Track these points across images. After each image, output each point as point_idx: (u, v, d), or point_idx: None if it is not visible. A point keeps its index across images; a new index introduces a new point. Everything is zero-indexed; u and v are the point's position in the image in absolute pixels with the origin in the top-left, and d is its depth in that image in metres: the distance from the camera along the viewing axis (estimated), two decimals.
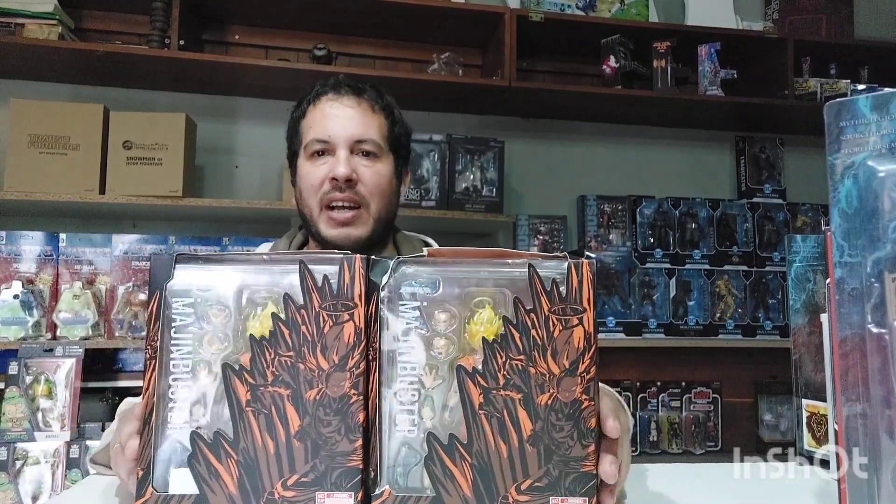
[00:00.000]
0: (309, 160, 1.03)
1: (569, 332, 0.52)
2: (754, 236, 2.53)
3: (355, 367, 0.52)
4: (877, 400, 0.46)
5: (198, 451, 0.51)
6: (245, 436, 0.51)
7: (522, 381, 0.52)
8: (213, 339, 0.52)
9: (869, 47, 2.57)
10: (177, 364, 0.52)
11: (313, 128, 1.03)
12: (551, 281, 0.53)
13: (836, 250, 0.48)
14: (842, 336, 0.49)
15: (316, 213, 1.02)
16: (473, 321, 0.53)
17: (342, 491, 0.51)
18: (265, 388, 0.52)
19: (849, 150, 0.47)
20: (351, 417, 0.51)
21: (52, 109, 1.95)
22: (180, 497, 0.51)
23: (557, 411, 0.52)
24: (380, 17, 2.26)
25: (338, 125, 1.02)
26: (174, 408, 0.52)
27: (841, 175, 0.47)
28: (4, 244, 1.96)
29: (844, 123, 0.48)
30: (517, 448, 0.51)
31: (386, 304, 0.53)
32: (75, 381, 1.81)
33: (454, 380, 0.52)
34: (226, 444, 0.51)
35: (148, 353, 0.51)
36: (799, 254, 0.76)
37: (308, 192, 1.02)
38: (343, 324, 0.52)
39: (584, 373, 0.52)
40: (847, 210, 0.47)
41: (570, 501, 0.51)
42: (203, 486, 0.51)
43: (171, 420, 0.51)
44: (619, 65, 2.35)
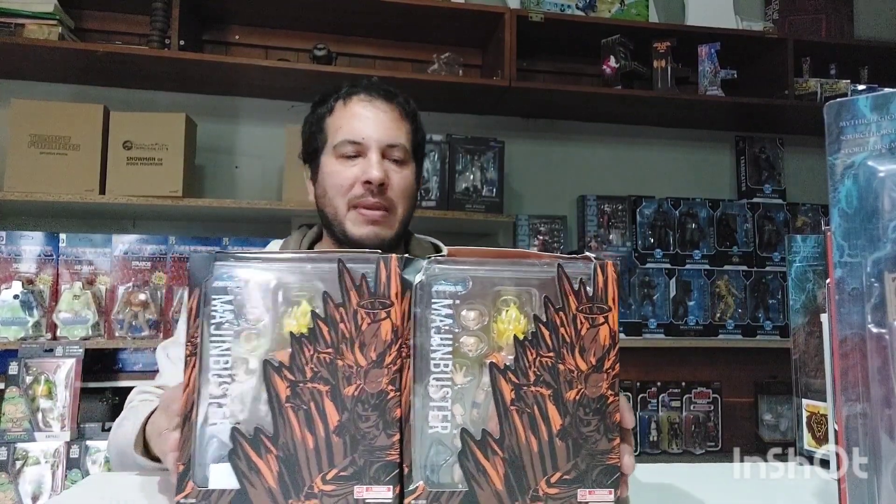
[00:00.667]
0: (338, 160, 1.02)
1: (595, 330, 0.55)
2: (754, 236, 2.53)
3: (392, 363, 0.53)
4: (877, 400, 0.46)
5: (238, 446, 0.52)
6: (284, 431, 0.52)
7: (552, 377, 0.54)
8: (249, 336, 0.53)
9: (869, 47, 2.57)
10: (217, 361, 0.52)
11: (344, 128, 1.03)
12: (578, 281, 0.55)
13: (836, 250, 0.48)
14: (842, 336, 0.49)
15: (343, 212, 1.02)
16: (501, 319, 0.54)
17: (381, 484, 0.52)
18: (304, 384, 0.52)
19: (849, 151, 0.47)
20: (388, 413, 0.53)
21: (52, 109, 1.95)
22: (220, 492, 0.51)
23: (585, 406, 0.54)
24: (380, 17, 2.26)
25: (371, 128, 1.02)
26: (214, 404, 0.52)
27: (841, 175, 0.47)
28: (4, 244, 1.96)
29: (844, 123, 0.48)
30: (547, 442, 0.53)
31: (419, 302, 0.54)
32: (75, 382, 1.81)
33: (482, 376, 0.54)
34: (265, 439, 0.52)
35: (188, 349, 0.52)
36: (799, 254, 0.76)
37: (335, 192, 1.02)
38: (380, 321, 0.53)
39: (610, 369, 0.55)
40: (847, 210, 0.47)
41: (596, 493, 0.53)
42: (243, 481, 0.51)
43: (210, 416, 0.52)
44: (619, 65, 2.35)
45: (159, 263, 2.04)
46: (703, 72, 2.43)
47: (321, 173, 1.05)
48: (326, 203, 1.03)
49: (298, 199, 2.05)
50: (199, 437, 0.51)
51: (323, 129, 1.05)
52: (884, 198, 0.45)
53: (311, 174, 1.10)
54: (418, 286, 0.54)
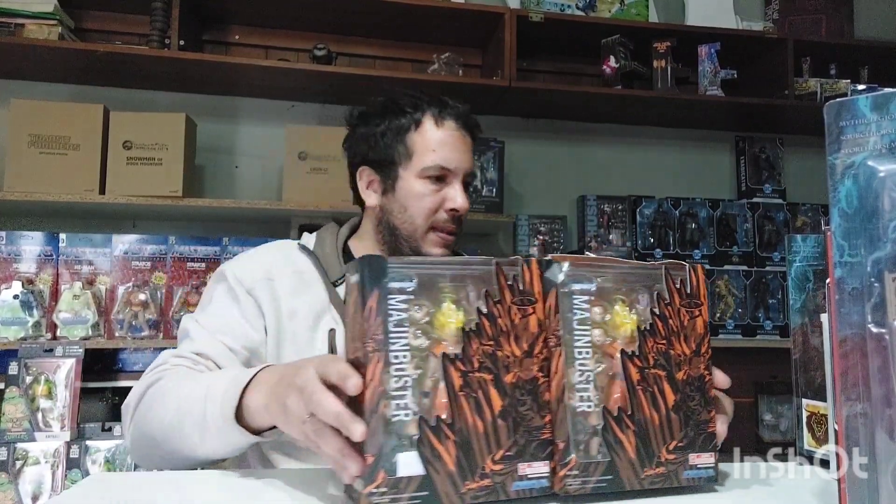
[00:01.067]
0: (423, 180, 1.05)
1: (694, 321, 0.66)
2: (754, 236, 2.53)
3: (540, 352, 0.61)
4: (877, 400, 0.46)
5: (424, 434, 0.55)
6: (459, 418, 0.57)
7: (666, 361, 0.64)
8: (418, 333, 0.57)
9: (869, 47, 2.57)
10: (396, 356, 0.56)
11: (438, 153, 1.05)
12: (679, 280, 0.66)
13: (836, 250, 0.48)
14: (842, 336, 0.49)
15: (421, 232, 1.06)
16: (618, 314, 0.63)
17: (539, 461, 0.60)
18: (473, 373, 0.58)
19: (849, 150, 0.47)
20: (540, 396, 0.60)
21: (52, 109, 1.95)
22: (408, 479, 0.55)
23: (690, 384, 0.65)
24: (380, 17, 2.26)
25: (460, 157, 1.07)
26: (396, 397, 0.55)
27: (841, 175, 0.47)
28: (4, 244, 1.96)
29: (844, 123, 0.48)
30: (665, 415, 0.63)
31: (563, 299, 0.62)
32: (75, 382, 1.81)
33: (608, 363, 0.62)
34: (445, 426, 0.56)
35: (371, 346, 0.55)
36: (799, 254, 0.76)
37: (419, 213, 1.05)
38: (529, 316, 0.61)
39: (705, 353, 0.66)
40: (847, 210, 0.47)
41: (702, 457, 0.65)
42: (428, 468, 0.55)
43: (393, 408, 0.55)
44: (619, 65, 2.35)
45: (159, 263, 2.04)
46: (703, 72, 2.43)
47: (401, 189, 1.06)
48: (404, 219, 1.06)
49: (298, 200, 2.05)
50: (386, 428, 0.54)
51: (406, 144, 1.06)
52: (884, 198, 0.45)
53: (376, 182, 1.10)
54: (563, 285, 0.62)
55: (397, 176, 1.07)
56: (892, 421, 0.45)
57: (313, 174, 2.07)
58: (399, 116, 1.08)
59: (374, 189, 1.10)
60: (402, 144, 1.06)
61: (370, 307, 0.55)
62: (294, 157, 2.08)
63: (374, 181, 1.10)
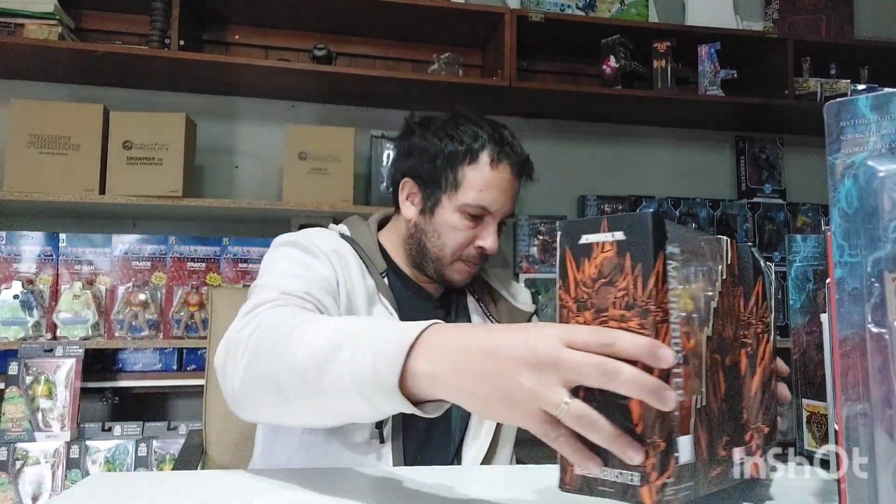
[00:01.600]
0: (461, 214, 1.05)
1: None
2: (754, 236, 2.53)
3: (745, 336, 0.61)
4: (877, 400, 0.46)
5: (696, 418, 0.51)
6: (709, 400, 0.53)
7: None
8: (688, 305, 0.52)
9: (869, 47, 2.57)
10: (674, 328, 0.49)
11: (484, 192, 1.04)
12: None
13: (836, 250, 0.48)
14: (842, 336, 0.49)
15: (448, 260, 1.07)
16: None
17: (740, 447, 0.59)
18: (714, 354, 0.55)
19: (849, 150, 0.47)
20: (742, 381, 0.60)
21: (52, 109, 1.95)
22: (685, 465, 0.49)
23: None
24: (380, 17, 2.26)
25: (503, 201, 1.07)
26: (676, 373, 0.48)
27: (841, 175, 0.47)
28: (4, 244, 1.96)
29: (844, 123, 0.48)
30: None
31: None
32: (75, 382, 1.81)
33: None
34: (703, 409, 0.52)
35: (659, 315, 0.47)
36: (799, 254, 0.76)
37: (450, 243, 1.06)
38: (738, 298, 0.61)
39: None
40: (847, 210, 0.47)
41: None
42: (695, 452, 0.51)
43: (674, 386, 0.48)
44: (619, 65, 2.35)
45: (159, 263, 2.04)
46: (703, 72, 2.43)
47: (439, 215, 1.06)
48: (435, 243, 1.07)
49: (298, 200, 2.05)
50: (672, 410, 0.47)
51: (455, 174, 1.05)
52: (884, 198, 0.45)
53: (417, 198, 1.10)
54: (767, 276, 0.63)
55: (439, 202, 1.06)
56: (892, 421, 0.45)
57: (313, 174, 2.07)
58: (457, 143, 1.05)
59: (413, 203, 1.10)
60: (452, 173, 1.05)
61: (657, 272, 0.47)
62: (294, 157, 2.08)
63: (414, 196, 1.10)
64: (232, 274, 2.07)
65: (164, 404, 2.16)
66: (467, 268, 1.08)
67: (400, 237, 1.13)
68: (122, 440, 1.83)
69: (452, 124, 1.08)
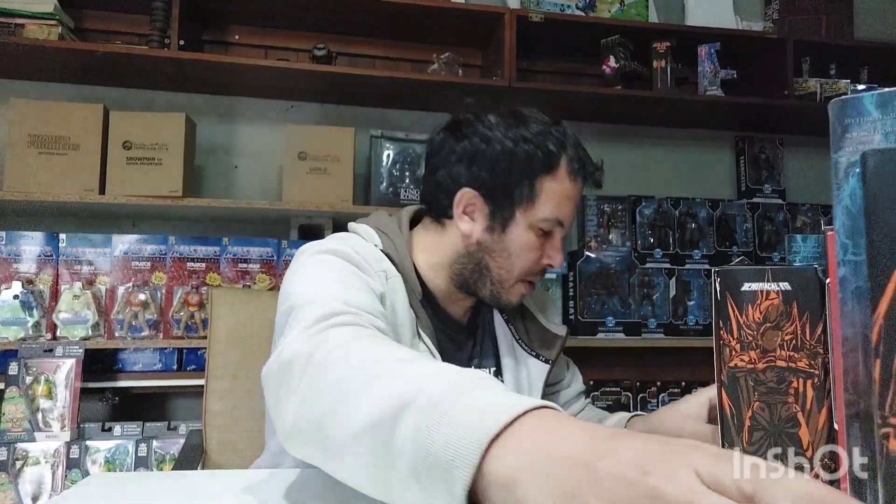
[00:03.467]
0: (532, 232, 0.93)
1: None
2: (754, 236, 2.53)
3: None
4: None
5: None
6: None
7: None
8: None
9: (869, 47, 2.57)
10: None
11: (561, 208, 0.93)
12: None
13: (839, 248, 0.48)
14: (844, 335, 0.49)
15: (512, 281, 0.95)
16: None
17: None
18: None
19: (853, 148, 0.47)
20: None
21: (52, 109, 1.95)
22: None
23: None
24: (380, 17, 2.26)
25: (572, 216, 0.97)
26: None
27: (845, 173, 0.47)
28: (4, 244, 1.96)
29: (849, 121, 0.47)
30: None
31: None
32: (75, 382, 1.81)
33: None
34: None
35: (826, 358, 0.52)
36: (799, 254, 0.76)
37: (519, 263, 0.94)
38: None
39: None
40: (852, 208, 0.47)
41: None
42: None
43: None
44: (618, 65, 2.35)
45: (159, 263, 2.04)
46: (703, 72, 2.43)
47: (511, 233, 0.93)
48: (502, 264, 0.94)
49: (298, 200, 2.05)
50: None
51: (534, 185, 0.92)
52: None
53: (481, 213, 0.94)
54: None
55: (512, 218, 0.93)
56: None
57: (313, 174, 2.07)
58: (535, 148, 0.92)
59: (473, 217, 0.95)
60: (528, 184, 0.92)
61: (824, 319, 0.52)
62: (294, 157, 2.07)
63: (475, 209, 0.94)
64: (232, 274, 2.07)
65: (163, 404, 2.16)
66: (526, 288, 0.97)
67: (442, 253, 0.97)
68: (122, 440, 1.83)
69: (522, 124, 0.95)
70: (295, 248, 2.06)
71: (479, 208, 0.94)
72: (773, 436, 0.55)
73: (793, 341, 0.54)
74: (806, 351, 0.54)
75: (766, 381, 0.56)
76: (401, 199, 2.19)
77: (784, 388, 0.56)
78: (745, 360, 0.56)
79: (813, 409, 0.55)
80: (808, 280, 0.55)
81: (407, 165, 2.22)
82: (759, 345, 0.56)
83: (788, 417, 0.56)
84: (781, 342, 0.55)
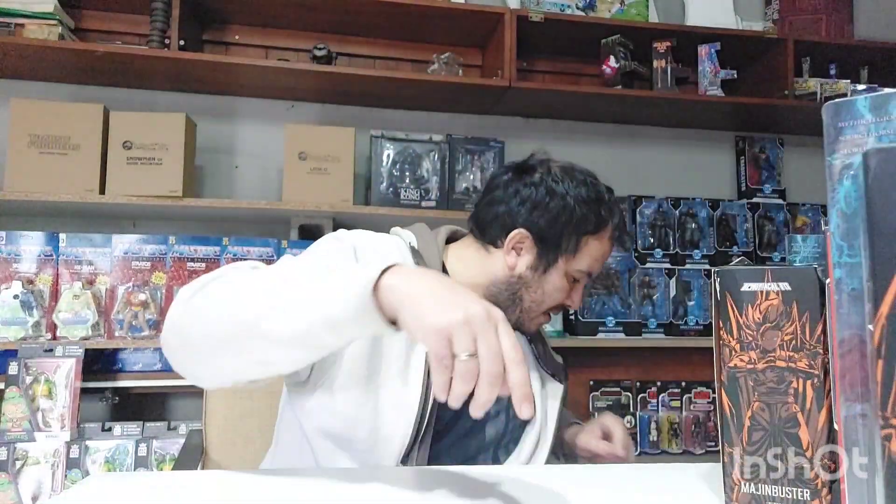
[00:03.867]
0: (566, 279, 1.05)
1: None
2: (754, 236, 2.52)
3: None
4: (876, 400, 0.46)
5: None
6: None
7: None
8: None
9: (869, 47, 2.57)
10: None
11: (598, 261, 1.07)
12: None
13: (835, 250, 0.48)
14: (841, 336, 0.49)
15: (536, 314, 1.07)
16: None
17: None
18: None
19: (847, 151, 0.47)
20: None
21: (52, 109, 1.95)
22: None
23: None
24: (380, 17, 2.26)
25: (599, 270, 1.10)
26: None
27: (840, 176, 0.47)
28: (4, 244, 1.96)
29: (843, 124, 0.48)
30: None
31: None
32: (75, 381, 1.81)
33: None
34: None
35: (826, 358, 0.54)
36: (799, 254, 0.76)
37: (549, 301, 1.06)
38: None
39: None
40: (846, 210, 0.47)
41: None
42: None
43: None
44: (619, 65, 2.35)
45: (159, 263, 2.04)
46: (703, 72, 2.43)
47: (550, 276, 1.04)
48: (534, 299, 1.05)
49: (298, 200, 2.05)
50: None
51: (579, 241, 1.03)
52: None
53: (529, 253, 1.04)
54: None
55: (555, 263, 1.03)
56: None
57: (313, 174, 2.07)
58: (588, 211, 1.03)
59: (521, 255, 1.05)
60: (575, 239, 1.03)
61: (824, 319, 0.54)
62: (294, 157, 2.08)
63: (524, 247, 1.04)
64: None
65: (164, 404, 2.16)
66: (545, 319, 1.09)
67: (481, 273, 1.06)
68: (122, 440, 1.83)
69: (584, 186, 1.06)
70: (295, 247, 2.06)
71: (527, 248, 1.04)
72: (773, 436, 0.56)
73: (792, 341, 0.55)
74: (806, 351, 0.55)
75: (766, 381, 0.56)
76: (401, 200, 2.19)
77: (784, 389, 0.56)
78: (745, 360, 0.57)
79: (813, 409, 0.55)
80: (808, 280, 0.55)
81: (407, 165, 2.22)
82: (759, 345, 0.56)
83: (788, 417, 0.56)
84: (781, 342, 0.55)
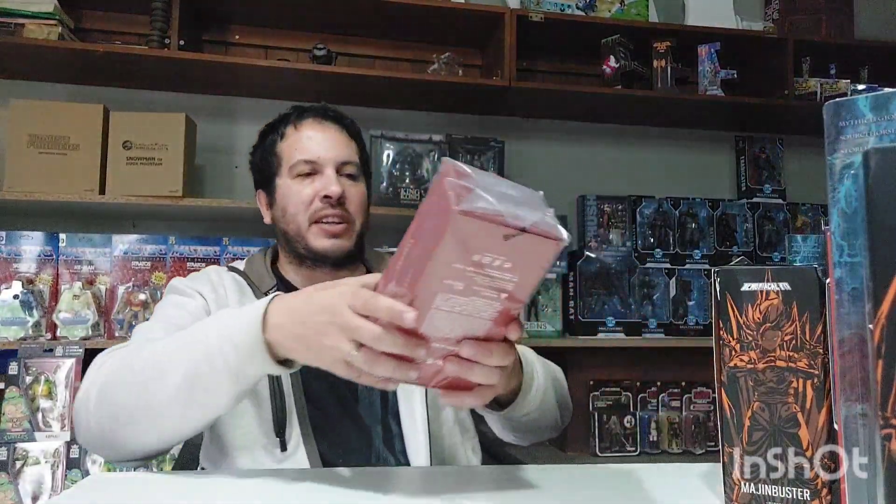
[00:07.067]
0: (294, 179, 1.08)
1: None
2: (754, 236, 2.53)
3: None
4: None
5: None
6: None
7: None
8: None
9: (869, 47, 2.57)
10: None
11: (299, 149, 1.09)
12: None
13: (835, 250, 0.48)
14: (841, 336, 0.49)
15: (304, 228, 1.07)
16: None
17: None
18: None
19: (848, 151, 0.47)
20: None
21: (52, 109, 1.95)
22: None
23: None
24: (380, 17, 2.26)
25: (324, 147, 1.09)
26: None
27: (840, 175, 0.47)
28: (4, 244, 1.96)
29: (843, 123, 0.48)
30: None
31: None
32: (75, 381, 1.81)
33: None
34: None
35: (826, 358, 0.54)
36: (799, 254, 0.76)
37: (296, 209, 1.07)
38: None
39: None
40: (847, 210, 0.47)
41: None
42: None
43: None
44: (619, 65, 2.35)
45: (159, 263, 2.04)
46: (703, 72, 2.43)
47: (279, 195, 1.10)
48: (288, 221, 1.08)
49: None
50: None
51: (276, 154, 1.11)
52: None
53: (266, 199, 1.15)
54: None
55: (275, 186, 1.11)
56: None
57: None
58: (268, 135, 1.15)
59: (268, 206, 1.15)
60: (273, 157, 1.11)
61: (824, 319, 0.56)
62: None
63: (264, 197, 1.15)
64: None
65: None
66: (325, 230, 1.06)
67: (283, 250, 1.14)
68: None
69: (265, 127, 1.18)
70: None
71: (264, 195, 1.15)
72: (773, 436, 0.56)
73: (793, 341, 0.55)
74: (806, 351, 0.55)
75: (766, 381, 0.57)
76: (401, 199, 2.19)
77: (784, 388, 0.56)
78: (745, 360, 0.57)
79: (813, 409, 0.55)
80: (808, 280, 0.55)
81: (407, 165, 2.22)
82: (759, 345, 0.56)
83: (788, 417, 0.56)
84: (781, 342, 0.55)
